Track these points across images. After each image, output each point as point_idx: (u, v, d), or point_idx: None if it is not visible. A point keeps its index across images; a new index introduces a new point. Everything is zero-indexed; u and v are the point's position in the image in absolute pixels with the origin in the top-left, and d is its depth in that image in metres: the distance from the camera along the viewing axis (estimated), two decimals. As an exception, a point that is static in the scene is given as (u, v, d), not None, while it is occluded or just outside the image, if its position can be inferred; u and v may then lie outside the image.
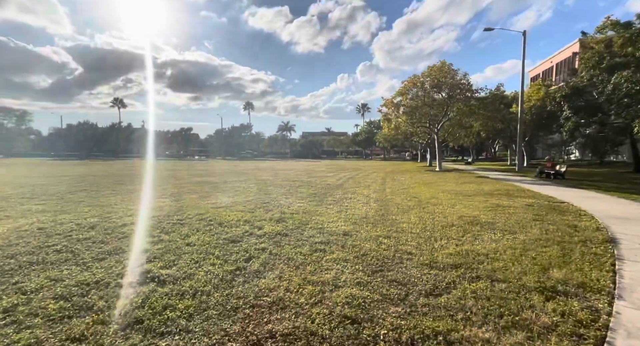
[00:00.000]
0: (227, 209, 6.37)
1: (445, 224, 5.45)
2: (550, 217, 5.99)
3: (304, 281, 3.10)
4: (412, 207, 7.00)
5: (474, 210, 6.68)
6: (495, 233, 4.92)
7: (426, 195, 8.90)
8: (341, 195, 8.73)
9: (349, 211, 6.47)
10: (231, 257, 3.65)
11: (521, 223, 5.50)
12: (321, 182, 12.35)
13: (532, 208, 6.93)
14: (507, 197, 8.64)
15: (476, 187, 11.10)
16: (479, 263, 3.63)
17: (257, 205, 6.89)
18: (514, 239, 4.57)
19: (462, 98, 18.81)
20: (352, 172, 19.00)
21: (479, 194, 9.17)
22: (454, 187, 10.96)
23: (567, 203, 7.54)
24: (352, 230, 4.93)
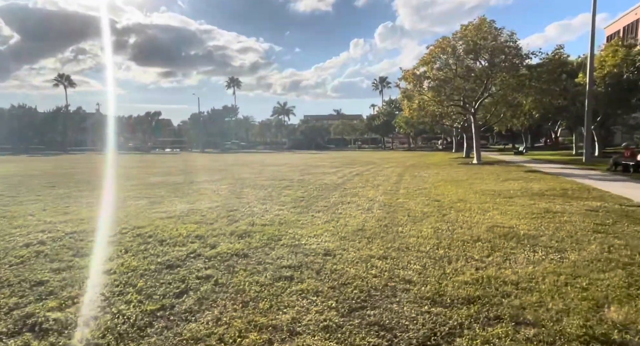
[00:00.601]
0: (179, 220, 6.16)
1: (468, 238, 5.13)
2: (618, 228, 5.60)
3: (249, 325, 2.84)
4: (428, 214, 6.69)
5: (512, 218, 6.33)
6: (536, 251, 4.58)
7: (451, 198, 8.56)
8: (337, 199, 8.46)
9: (342, 221, 6.20)
10: (159, 290, 3.41)
11: (575, 237, 5.14)
12: (316, 181, 12.09)
13: (596, 214, 6.54)
14: (563, 198, 8.24)
15: (522, 185, 10.69)
16: (503, 296, 3.32)
17: (220, 214, 6.67)
18: (561, 260, 4.23)
19: (508, 67, 18.20)
20: (361, 167, 18.71)
21: (524, 195, 8.79)
22: (491, 186, 10.57)
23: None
24: (337, 248, 4.65)
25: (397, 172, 15.48)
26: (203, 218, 6.31)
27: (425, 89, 19.70)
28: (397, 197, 8.71)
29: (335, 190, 10.07)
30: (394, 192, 9.67)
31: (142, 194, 9.14)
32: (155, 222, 5.97)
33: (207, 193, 9.39)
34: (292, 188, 10.42)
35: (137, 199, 8.40)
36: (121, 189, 10.15)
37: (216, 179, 12.93)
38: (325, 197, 8.74)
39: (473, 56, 18.60)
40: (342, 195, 9.05)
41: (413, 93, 19.84)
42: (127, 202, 7.99)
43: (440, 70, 18.71)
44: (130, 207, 7.36)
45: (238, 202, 8.06)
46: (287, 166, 19.98)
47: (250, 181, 12.22)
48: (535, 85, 17.43)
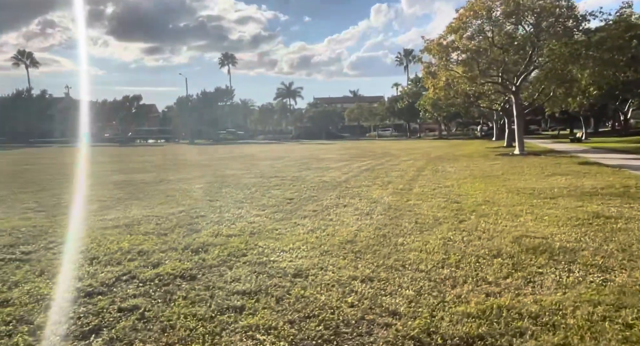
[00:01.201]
0: (126, 230, 5.96)
1: (484, 253, 4.76)
2: (685, 237, 5.15)
3: (165, 376, 2.58)
4: (441, 221, 6.33)
5: (548, 225, 5.93)
6: (572, 270, 4.19)
7: (476, 199, 8.17)
8: (332, 201, 8.16)
9: (329, 229, 5.90)
10: (61, 328, 3.18)
11: (629, 251, 4.72)
12: (314, 179, 11.82)
13: (658, 219, 6.07)
14: (622, 199, 7.76)
15: (571, 181, 10.20)
16: (515, 334, 2.97)
17: (180, 222, 6.45)
18: (603, 283, 3.84)
19: (559, 32, 17.42)
20: (374, 160, 18.35)
21: (570, 195, 8.32)
22: (531, 183, 10.11)
23: None
24: (313, 267, 4.36)
25: (416, 166, 15.07)
26: (157, 227, 6.09)
27: (454, 63, 19.06)
28: (408, 198, 8.36)
29: (335, 189, 9.77)
30: (406, 191, 9.31)
31: (96, 197, 9.03)
32: (96, 233, 5.78)
33: (175, 195, 9.21)
34: (282, 187, 10.16)
35: (87, 203, 8.28)
36: (74, 191, 10.08)
37: (193, 177, 12.78)
38: (318, 199, 8.46)
39: (514, 20, 17.88)
40: (340, 196, 8.74)
41: (439, 68, 19.23)
42: (72, 207, 7.86)
43: (472, 39, 18.05)
44: (74, 214, 7.22)
45: (209, 205, 7.84)
46: (285, 160, 19.77)
47: (233, 179, 12.02)
48: (593, 54, 16.60)
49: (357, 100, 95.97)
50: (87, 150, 39.17)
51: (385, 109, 64.68)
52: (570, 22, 17.35)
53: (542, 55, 17.74)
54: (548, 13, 17.10)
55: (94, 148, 41.21)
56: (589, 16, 17.14)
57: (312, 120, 75.28)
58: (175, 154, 28.38)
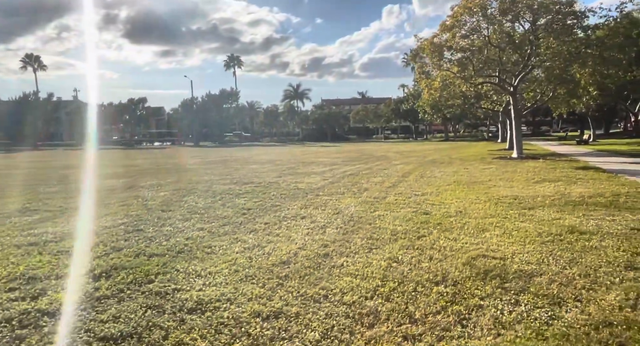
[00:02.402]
0: (39, 249, 5.47)
1: (429, 278, 4.16)
2: (665, 259, 4.48)
3: None
4: (398, 236, 5.73)
5: (513, 243, 5.29)
6: (519, 302, 3.58)
7: (449, 209, 7.54)
8: (293, 212, 7.60)
9: (269, 247, 5.33)
10: None
11: (592, 277, 4.08)
12: (289, 185, 11.27)
13: (639, 236, 5.39)
14: (607, 210, 7.08)
15: (559, 188, 9.49)
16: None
17: (109, 238, 5.94)
18: (548, 323, 3.22)
19: (558, 30, 16.61)
20: (364, 164, 17.73)
21: (553, 204, 7.65)
22: (516, 190, 9.43)
23: None
24: (220, 298, 3.79)
25: (404, 171, 14.42)
26: (77, 245, 5.59)
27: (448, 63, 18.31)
28: (376, 208, 7.77)
29: (304, 197, 9.21)
30: (379, 199, 8.71)
31: (46, 206, 8.57)
32: (5, 251, 5.28)
33: (132, 203, 8.73)
34: (249, 195, 9.63)
35: (30, 213, 7.82)
36: (31, 198, 9.65)
37: (167, 183, 12.31)
38: (278, 209, 7.90)
39: (511, 17, 17.10)
40: (304, 206, 8.18)
41: (433, 68, 18.51)
42: (9, 218, 7.40)
43: (466, 37, 17.28)
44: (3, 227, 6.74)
45: (157, 217, 7.33)
46: (274, 164, 19.25)
47: (205, 185, 11.52)
48: (593, 53, 15.75)
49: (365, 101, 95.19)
50: (87, 153, 39.16)
51: (391, 111, 63.83)
52: (569, 19, 16.53)
53: (539, 54, 16.93)
54: (546, 10, 16.31)
55: (96, 152, 41.18)
56: (588, 13, 16.32)
57: (317, 122, 74.64)
58: (169, 157, 28.05)
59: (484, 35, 17.79)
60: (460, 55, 17.75)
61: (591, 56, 16.03)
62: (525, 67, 18.11)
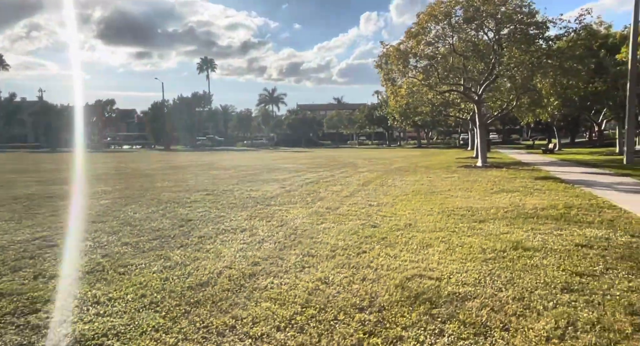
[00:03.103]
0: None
1: (354, 302, 3.81)
2: (605, 283, 4.27)
3: None
4: (337, 252, 5.38)
5: (455, 260, 5.01)
6: (443, 332, 3.25)
7: (400, 221, 7.26)
8: (234, 223, 7.16)
9: (192, 265, 4.89)
10: None
11: (526, 301, 3.81)
12: (244, 193, 10.83)
13: (585, 254, 5.20)
14: (557, 223, 6.93)
15: (515, 200, 9.38)
16: None
17: (9, 258, 5.37)
18: (468, 358, 2.91)
19: (520, 40, 16.78)
20: (328, 172, 17.42)
21: (505, 217, 7.47)
22: (471, 201, 9.26)
23: (662, 240, 5.76)
24: (95, 335, 3.34)
25: (366, 179, 14.17)
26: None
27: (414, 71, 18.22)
28: (325, 220, 7.42)
29: (253, 207, 8.78)
30: (331, 210, 8.36)
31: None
32: None
33: (61, 214, 8.11)
34: (196, 204, 9.13)
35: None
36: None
37: (114, 189, 11.66)
38: (222, 220, 7.46)
39: (476, 26, 17.19)
40: (249, 217, 7.76)
41: (398, 75, 18.44)
42: None
43: (431, 44, 17.27)
44: None
45: (83, 229, 6.76)
46: (237, 170, 18.72)
47: (154, 193, 10.94)
48: (553, 63, 15.96)
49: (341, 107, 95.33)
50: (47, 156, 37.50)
51: (364, 117, 64.05)
52: (531, 30, 16.72)
53: (503, 64, 17.06)
54: (508, 19, 16.45)
55: (57, 155, 39.53)
56: (548, 23, 16.56)
57: (291, 127, 74.22)
58: (132, 162, 27.02)
59: (449, 43, 17.82)
60: (425, 62, 17.74)
61: (552, 66, 16.26)
62: (489, 76, 18.23)
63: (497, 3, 16.80)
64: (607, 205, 8.42)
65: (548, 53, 16.42)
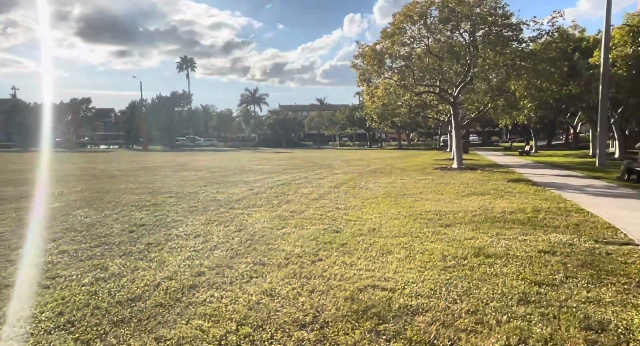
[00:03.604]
0: None
1: (297, 318, 3.50)
2: (562, 293, 4.06)
3: None
4: (291, 260, 5.07)
5: (413, 268, 4.75)
6: (384, 354, 2.96)
7: (364, 226, 6.99)
8: (189, 228, 6.78)
9: (128, 277, 4.50)
10: None
11: (479, 314, 3.56)
12: (209, 196, 10.42)
13: (546, 261, 5.01)
14: (523, 227, 6.76)
15: (484, 203, 9.22)
16: None
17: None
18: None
19: (493, 41, 16.77)
20: (304, 173, 17.10)
21: (472, 221, 7.27)
22: (441, 204, 9.06)
23: (634, 248, 5.62)
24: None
25: (339, 181, 13.90)
26: None
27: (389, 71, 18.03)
28: (287, 225, 7.09)
29: (215, 210, 8.39)
30: (295, 214, 8.04)
31: None
32: None
33: (7, 217, 7.58)
34: (155, 208, 8.69)
35: None
36: None
37: (72, 191, 11.09)
38: (177, 225, 7.06)
39: (451, 27, 17.11)
40: (208, 221, 7.37)
41: (373, 75, 18.23)
42: None
43: (406, 45, 17.13)
44: None
45: (20, 235, 6.28)
46: (209, 171, 18.23)
47: (113, 196, 10.43)
48: (525, 65, 15.99)
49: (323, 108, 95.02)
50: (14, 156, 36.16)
51: (345, 118, 63.91)
52: (505, 31, 16.73)
53: (477, 65, 17.03)
54: (483, 21, 16.42)
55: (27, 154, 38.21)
56: (522, 25, 16.58)
57: (273, 127, 73.62)
58: (103, 162, 26.13)
59: (425, 44, 17.70)
60: (400, 63, 17.57)
61: (525, 69, 16.28)
62: (465, 77, 18.18)
63: (472, 4, 16.75)
64: (575, 208, 8.32)
65: (522, 55, 16.42)
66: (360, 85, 18.45)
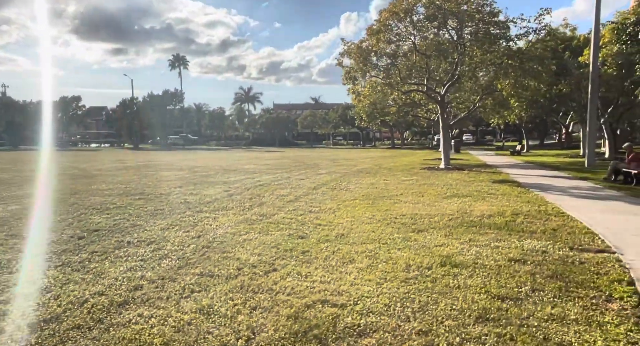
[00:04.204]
0: None
1: (227, 342, 3.10)
2: (525, 310, 3.69)
3: None
4: (243, 271, 4.68)
5: (372, 280, 4.37)
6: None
7: (332, 231, 6.61)
8: (148, 234, 6.37)
9: (54, 293, 4.10)
10: None
11: (431, 336, 3.19)
12: (180, 198, 10.00)
13: (514, 272, 4.65)
14: (498, 232, 6.41)
15: (464, 205, 8.87)
16: None
17: None
18: None
19: (480, 38, 16.42)
20: (288, 173, 16.71)
21: (447, 226, 6.91)
22: (419, 207, 8.69)
23: (608, 256, 5.28)
24: None
25: (321, 182, 13.51)
26: None
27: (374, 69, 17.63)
28: (251, 230, 6.69)
29: (180, 214, 7.97)
30: (265, 218, 7.64)
31: None
32: None
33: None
34: (116, 211, 8.26)
35: None
36: None
37: (37, 193, 10.65)
38: (133, 230, 6.64)
39: (438, 24, 16.74)
40: (168, 226, 6.96)
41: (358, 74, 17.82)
42: None
43: (391, 42, 16.74)
44: None
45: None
46: (190, 171, 17.78)
47: (79, 197, 9.98)
48: (512, 63, 15.64)
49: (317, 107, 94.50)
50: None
51: (338, 117, 63.49)
52: (494, 29, 16.39)
53: (464, 63, 16.67)
54: (470, 18, 16.06)
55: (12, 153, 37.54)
56: (509, 23, 16.25)
57: (266, 126, 73.08)
58: (86, 162, 25.54)
59: (411, 41, 17.32)
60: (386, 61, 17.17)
61: (512, 67, 15.94)
62: (452, 76, 17.82)
63: (458, 1, 16.37)
64: (555, 211, 7.97)
65: (509, 53, 16.08)
66: (345, 83, 18.07)
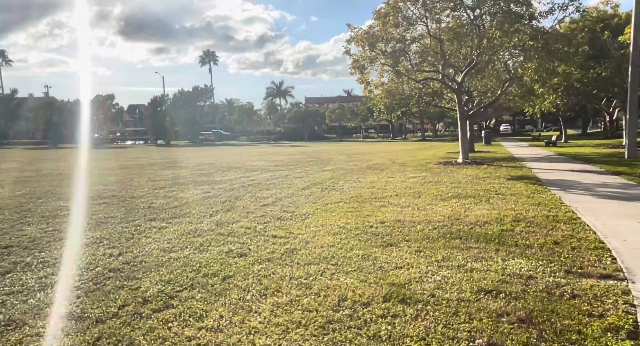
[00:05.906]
0: None
1: None
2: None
3: None
4: (97, 320, 3.68)
5: (283, 324, 3.27)
6: None
7: (289, 243, 5.54)
8: (15, 263, 5.51)
9: None
10: None
11: None
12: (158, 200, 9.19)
13: (474, 312, 3.40)
14: (485, 246, 5.18)
15: (461, 209, 7.55)
16: None
17: None
18: None
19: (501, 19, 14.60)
20: (292, 170, 15.71)
21: (427, 237, 5.69)
22: (410, 211, 7.48)
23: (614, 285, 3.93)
24: None
25: (317, 180, 12.40)
26: None
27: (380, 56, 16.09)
28: (190, 244, 5.73)
29: (132, 222, 7.13)
30: (219, 226, 6.67)
31: None
32: None
33: None
34: (62, 219, 7.54)
35: None
36: None
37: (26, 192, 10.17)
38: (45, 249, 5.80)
39: (452, 4, 15.07)
40: (95, 240, 6.10)
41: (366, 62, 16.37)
42: None
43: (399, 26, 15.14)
44: None
45: None
46: (195, 169, 17.07)
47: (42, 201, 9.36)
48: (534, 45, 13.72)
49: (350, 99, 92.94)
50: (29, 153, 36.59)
51: (366, 109, 61.66)
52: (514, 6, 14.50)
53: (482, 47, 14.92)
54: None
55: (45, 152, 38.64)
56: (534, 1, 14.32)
57: (294, 120, 72.33)
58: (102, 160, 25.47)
59: (424, 23, 15.72)
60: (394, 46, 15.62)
61: (535, 49, 14.02)
62: (470, 62, 16.10)
63: (476, -23, 14.64)
64: (567, 217, 6.50)
65: (531, 34, 14.16)
66: (353, 73, 16.71)
